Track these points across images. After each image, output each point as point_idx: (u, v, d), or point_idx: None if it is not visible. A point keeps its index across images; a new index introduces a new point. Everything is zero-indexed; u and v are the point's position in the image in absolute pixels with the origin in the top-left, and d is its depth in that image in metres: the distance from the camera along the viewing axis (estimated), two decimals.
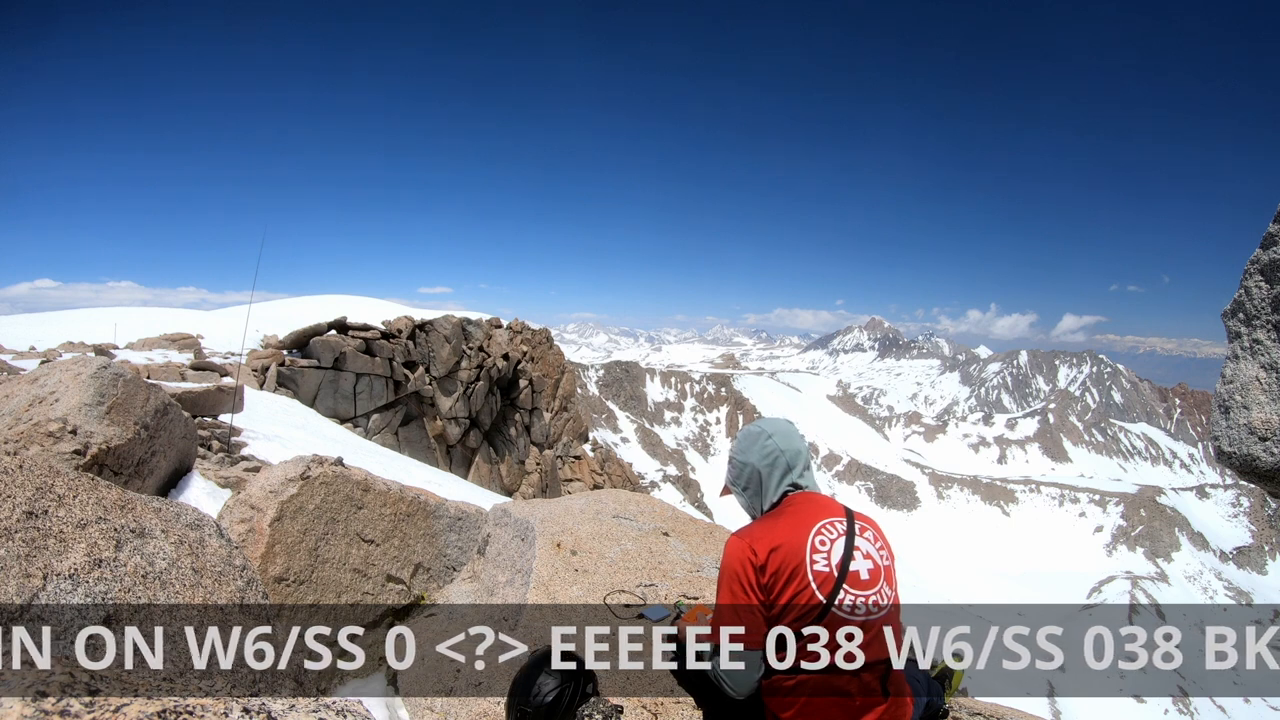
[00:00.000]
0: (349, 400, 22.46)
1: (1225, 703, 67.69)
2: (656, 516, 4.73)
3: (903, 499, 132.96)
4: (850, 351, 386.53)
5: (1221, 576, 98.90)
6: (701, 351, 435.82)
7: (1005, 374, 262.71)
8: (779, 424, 2.09)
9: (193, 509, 2.83)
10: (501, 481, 30.23)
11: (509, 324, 33.96)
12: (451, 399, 27.66)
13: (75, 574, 2.03)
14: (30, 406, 4.45)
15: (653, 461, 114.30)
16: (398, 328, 25.78)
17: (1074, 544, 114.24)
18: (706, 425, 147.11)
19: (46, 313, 24.80)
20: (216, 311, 30.41)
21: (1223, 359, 2.64)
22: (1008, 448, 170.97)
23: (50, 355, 13.79)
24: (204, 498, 5.42)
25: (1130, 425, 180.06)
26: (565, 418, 37.25)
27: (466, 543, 5.21)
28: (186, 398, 8.09)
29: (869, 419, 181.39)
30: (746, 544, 1.87)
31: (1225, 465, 2.56)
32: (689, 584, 3.68)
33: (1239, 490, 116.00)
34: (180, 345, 18.12)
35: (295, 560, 4.06)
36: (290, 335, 21.56)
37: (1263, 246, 2.47)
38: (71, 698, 1.16)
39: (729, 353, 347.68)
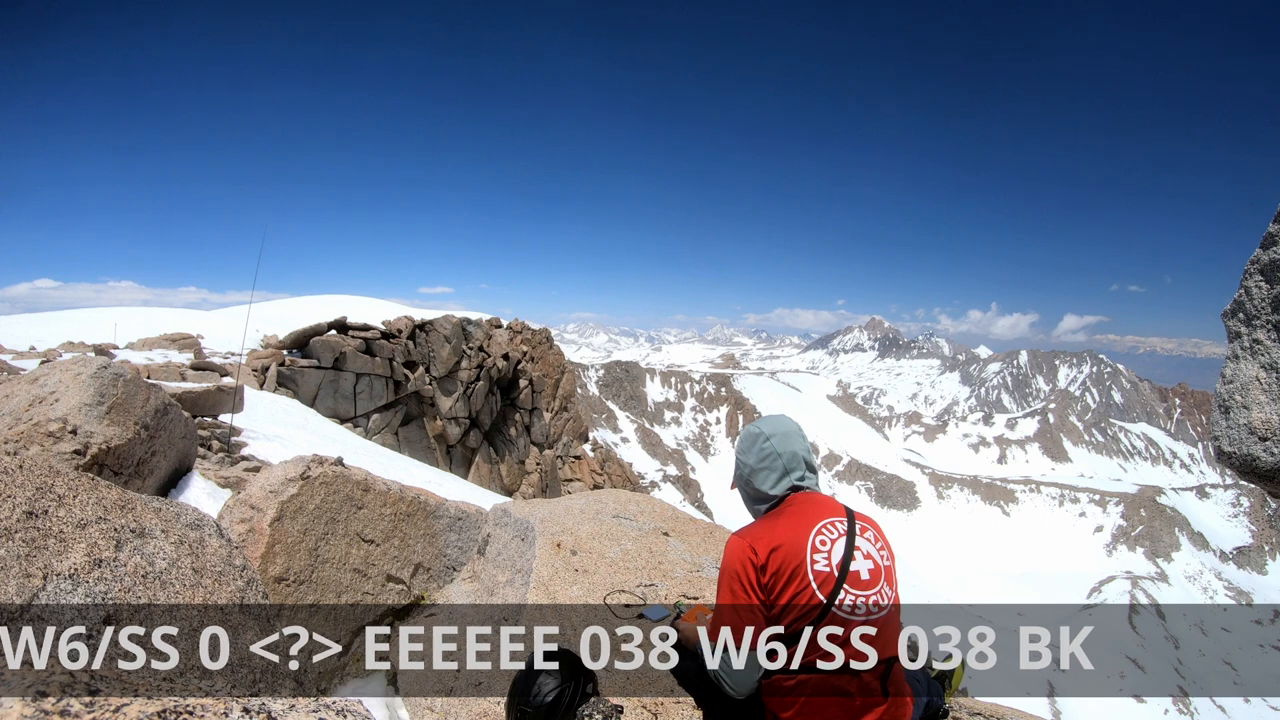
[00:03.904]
0: (349, 400, 22.46)
1: (1225, 703, 67.65)
2: (656, 516, 4.73)
3: (903, 499, 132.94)
4: (850, 351, 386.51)
5: (1221, 576, 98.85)
6: (701, 351, 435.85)
7: (1005, 374, 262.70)
8: (780, 424, 2.07)
9: (193, 509, 2.83)
10: (501, 481, 30.23)
11: (509, 324, 33.95)
12: (451, 399, 27.66)
13: (75, 574, 2.03)
14: (30, 406, 4.45)
15: (653, 461, 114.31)
16: (398, 328, 25.78)
17: (1074, 544, 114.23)
18: (706, 425, 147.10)
19: (46, 313, 24.81)
20: (216, 311, 30.41)
21: (1223, 359, 2.64)
22: (1008, 448, 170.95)
23: (50, 355, 13.78)
24: (204, 498, 5.42)
25: (1130, 425, 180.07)
26: (565, 418, 37.24)
27: (466, 543, 5.21)
28: (186, 398, 8.08)
29: (869, 419, 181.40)
30: (747, 544, 1.87)
31: (1225, 465, 2.56)
32: (689, 584, 3.68)
33: (1239, 490, 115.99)
34: (180, 345, 18.12)
35: (295, 560, 4.06)
36: (290, 335, 21.56)
37: (1263, 246, 2.47)
38: (71, 698, 1.16)
39: (729, 353, 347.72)
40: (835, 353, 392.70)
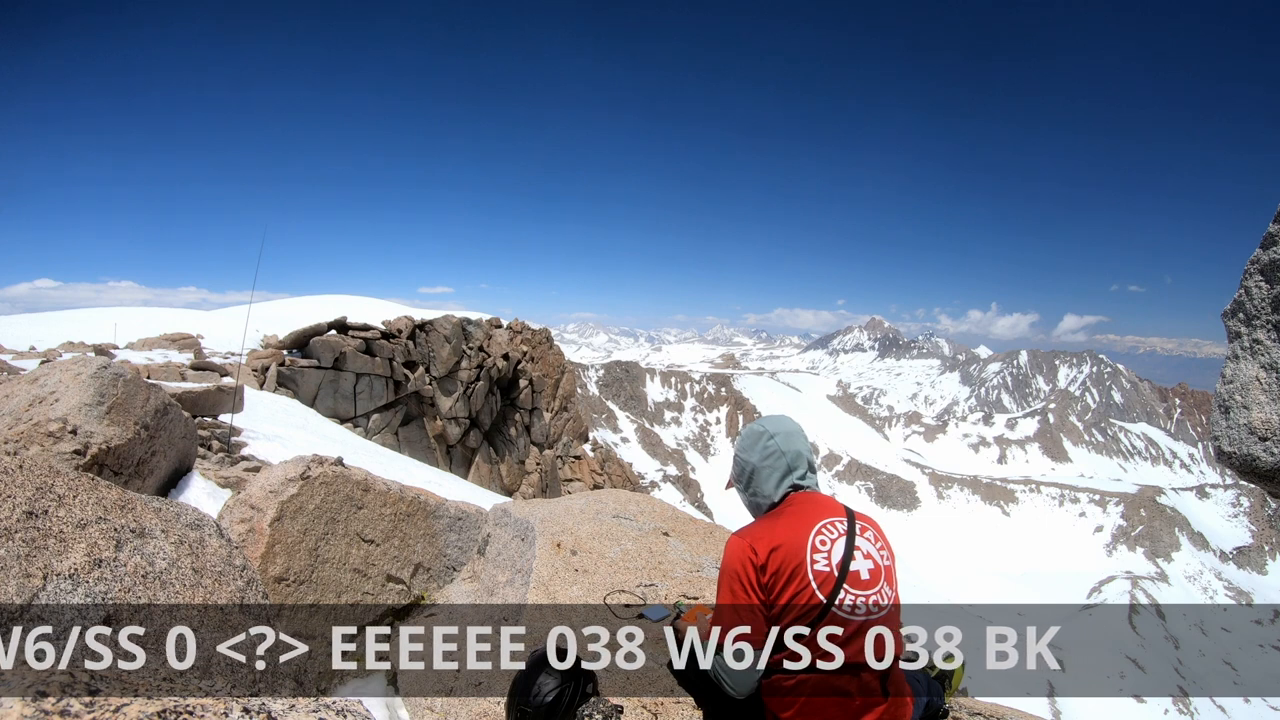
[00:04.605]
0: (349, 400, 22.46)
1: (1225, 703, 67.66)
2: (656, 516, 4.73)
3: (903, 499, 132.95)
4: (850, 351, 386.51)
5: (1221, 576, 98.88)
6: (701, 351, 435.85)
7: (1005, 374, 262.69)
8: (782, 423, 2.06)
9: (193, 509, 2.83)
10: (501, 481, 30.23)
11: (509, 324, 33.95)
12: (451, 399, 27.66)
13: (75, 574, 2.03)
14: (30, 406, 4.45)
15: (653, 461, 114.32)
16: (398, 328, 25.78)
17: (1074, 544, 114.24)
18: (706, 425, 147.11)
19: (46, 313, 24.82)
20: (216, 311, 30.42)
21: (1223, 359, 2.64)
22: (1008, 448, 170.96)
23: (50, 355, 13.78)
24: (204, 498, 5.42)
25: (1130, 425, 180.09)
26: (565, 418, 37.24)
27: (466, 543, 5.21)
28: (186, 398, 8.08)
29: (869, 419, 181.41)
30: (747, 543, 1.87)
31: (1225, 465, 2.56)
32: (689, 584, 3.68)
33: (1239, 490, 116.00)
34: (180, 345, 18.12)
35: (295, 560, 4.06)
36: (290, 335, 21.56)
37: (1263, 246, 2.47)
38: (71, 698, 1.16)
39: (729, 353, 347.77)
40: (835, 353, 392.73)
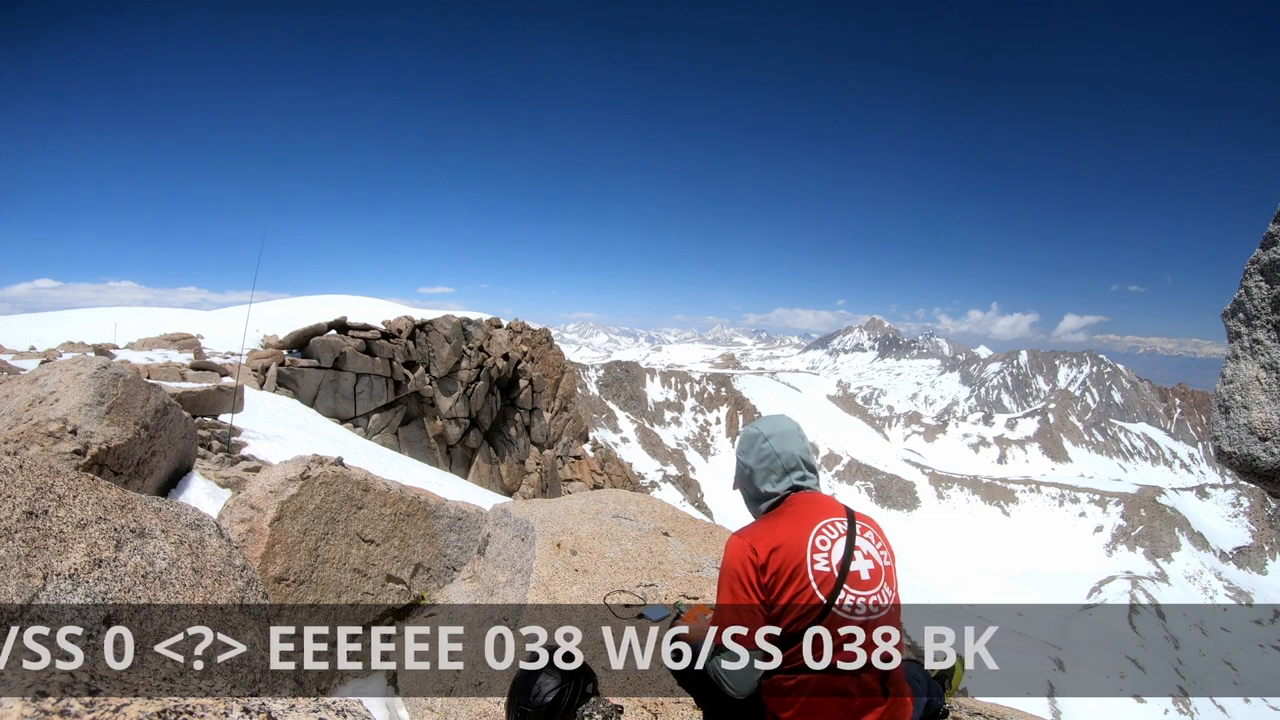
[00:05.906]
0: (349, 400, 22.46)
1: (1225, 703, 67.66)
2: (656, 516, 4.73)
3: (903, 499, 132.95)
4: (850, 351, 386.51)
5: (1221, 576, 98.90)
6: (701, 351, 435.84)
7: (1005, 374, 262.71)
8: (778, 424, 2.06)
9: (193, 509, 2.83)
10: (501, 481, 30.23)
11: (509, 324, 33.95)
12: (451, 399, 27.66)
13: (75, 574, 2.03)
14: (30, 406, 4.45)
15: (653, 461, 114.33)
16: (398, 328, 25.78)
17: (1074, 544, 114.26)
18: (706, 425, 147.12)
19: (46, 313, 24.82)
20: (216, 311, 30.41)
21: (1223, 359, 2.64)
22: (1008, 448, 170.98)
23: (50, 355, 13.78)
24: (204, 498, 5.41)
25: (1130, 425, 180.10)
26: (565, 418, 37.24)
27: (466, 543, 5.21)
28: (186, 398, 8.08)
29: (869, 419, 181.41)
30: (747, 544, 1.87)
31: (1225, 465, 2.56)
32: (689, 584, 3.68)
33: (1239, 490, 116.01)
34: (180, 345, 18.12)
35: (295, 560, 4.06)
36: (290, 335, 21.56)
37: (1263, 246, 2.47)
38: (71, 698, 1.16)
39: (729, 353, 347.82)
40: (835, 353, 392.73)
